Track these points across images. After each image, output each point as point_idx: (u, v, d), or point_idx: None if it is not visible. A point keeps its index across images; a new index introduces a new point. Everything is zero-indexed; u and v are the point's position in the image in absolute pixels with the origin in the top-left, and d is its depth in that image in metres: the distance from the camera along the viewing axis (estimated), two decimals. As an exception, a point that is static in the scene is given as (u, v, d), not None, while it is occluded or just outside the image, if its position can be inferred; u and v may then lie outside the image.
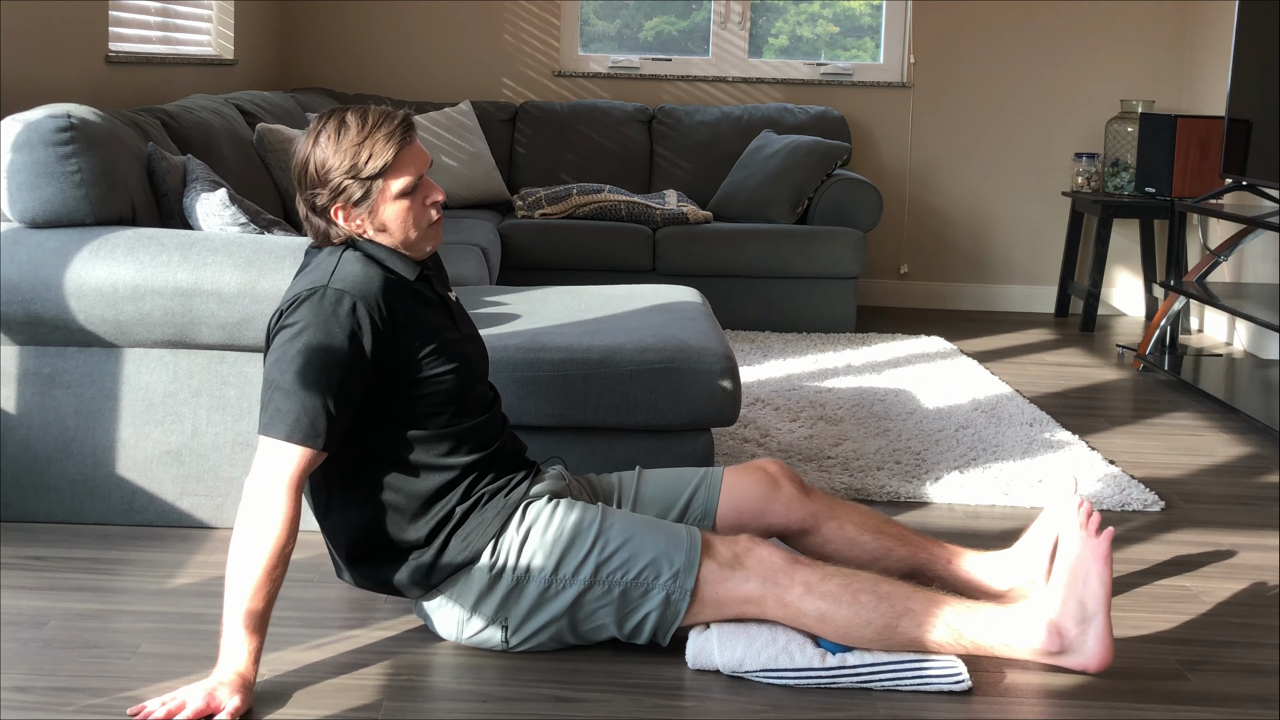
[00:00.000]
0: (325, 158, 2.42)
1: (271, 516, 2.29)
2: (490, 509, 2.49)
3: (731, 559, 2.45)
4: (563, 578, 2.46)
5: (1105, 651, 2.45)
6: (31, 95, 3.88)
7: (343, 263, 2.43)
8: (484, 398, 2.59)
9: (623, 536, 2.47)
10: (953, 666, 2.41)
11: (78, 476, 3.16)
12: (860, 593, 2.42)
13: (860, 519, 2.74)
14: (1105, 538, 2.46)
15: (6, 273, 3.07)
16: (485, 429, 2.54)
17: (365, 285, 2.39)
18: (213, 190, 3.40)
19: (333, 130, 2.43)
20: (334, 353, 2.34)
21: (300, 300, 2.38)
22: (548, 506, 2.50)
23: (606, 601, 2.46)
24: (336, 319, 2.35)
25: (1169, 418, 4.58)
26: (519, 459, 2.64)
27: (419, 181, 2.47)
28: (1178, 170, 5.62)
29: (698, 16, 6.79)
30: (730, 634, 2.46)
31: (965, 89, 6.66)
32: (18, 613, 2.65)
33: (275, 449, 2.32)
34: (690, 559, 2.45)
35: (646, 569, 2.45)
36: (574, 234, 5.77)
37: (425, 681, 2.43)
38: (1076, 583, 2.45)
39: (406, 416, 2.45)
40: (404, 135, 2.44)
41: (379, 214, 2.45)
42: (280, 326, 2.39)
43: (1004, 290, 6.76)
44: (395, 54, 6.65)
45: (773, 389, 4.65)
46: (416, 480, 2.46)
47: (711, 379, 3.13)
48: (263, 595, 2.28)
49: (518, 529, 2.48)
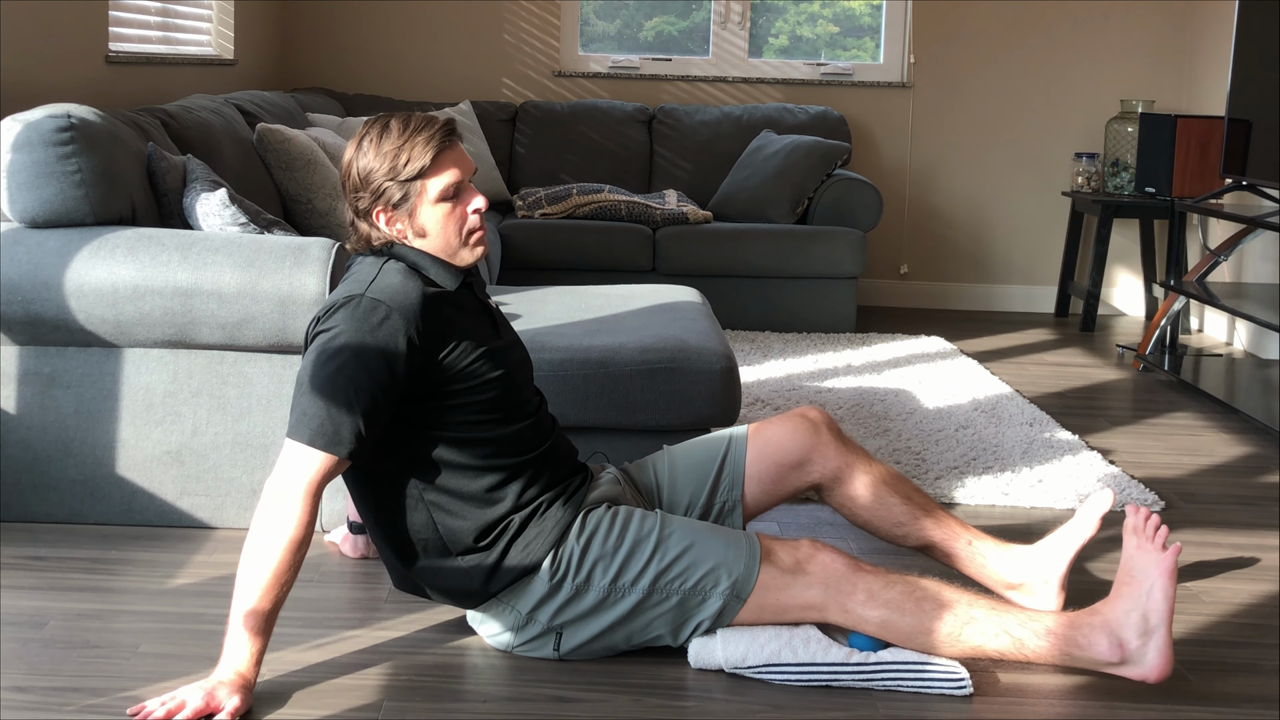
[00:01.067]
0: (367, 161, 2.43)
1: (286, 520, 2.29)
2: (549, 517, 2.47)
3: (793, 565, 2.44)
4: (622, 586, 2.44)
5: (1165, 664, 2.42)
6: (31, 95, 3.88)
7: (383, 273, 2.42)
8: (529, 403, 2.57)
9: (682, 544, 2.46)
10: (955, 671, 2.41)
11: (78, 476, 3.16)
12: (924, 600, 2.41)
13: (893, 481, 2.74)
14: (1172, 553, 2.43)
15: (6, 273, 3.07)
16: (530, 433, 2.52)
17: (404, 297, 2.38)
18: (213, 190, 3.40)
19: (375, 135, 2.44)
20: (366, 362, 2.32)
21: (337, 306, 2.37)
22: (607, 514, 2.49)
23: (664, 610, 2.45)
24: (370, 328, 2.34)
25: (1169, 418, 4.58)
26: (571, 462, 2.62)
27: (459, 186, 2.46)
28: (1178, 170, 5.62)
29: (698, 16, 6.79)
30: (734, 630, 2.46)
31: (965, 89, 6.67)
32: (18, 613, 2.65)
33: (298, 453, 2.32)
34: (749, 567, 2.44)
35: (706, 577, 2.44)
36: (574, 234, 5.77)
37: (425, 681, 2.43)
38: (1140, 595, 2.43)
39: (452, 424, 2.44)
40: (444, 139, 2.44)
41: (418, 217, 2.45)
42: (317, 331, 2.39)
43: (1004, 290, 6.76)
44: (395, 54, 6.65)
45: (773, 389, 4.65)
46: (467, 483, 2.45)
47: (711, 379, 3.13)
48: (271, 596, 2.28)
49: (578, 538, 2.46)
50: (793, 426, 2.73)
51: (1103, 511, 2.72)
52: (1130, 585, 2.45)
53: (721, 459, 2.73)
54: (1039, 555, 2.72)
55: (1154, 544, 2.46)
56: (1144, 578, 2.44)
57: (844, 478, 2.73)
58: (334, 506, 3.14)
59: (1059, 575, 2.71)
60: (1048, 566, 2.71)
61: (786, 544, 2.48)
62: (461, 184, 2.47)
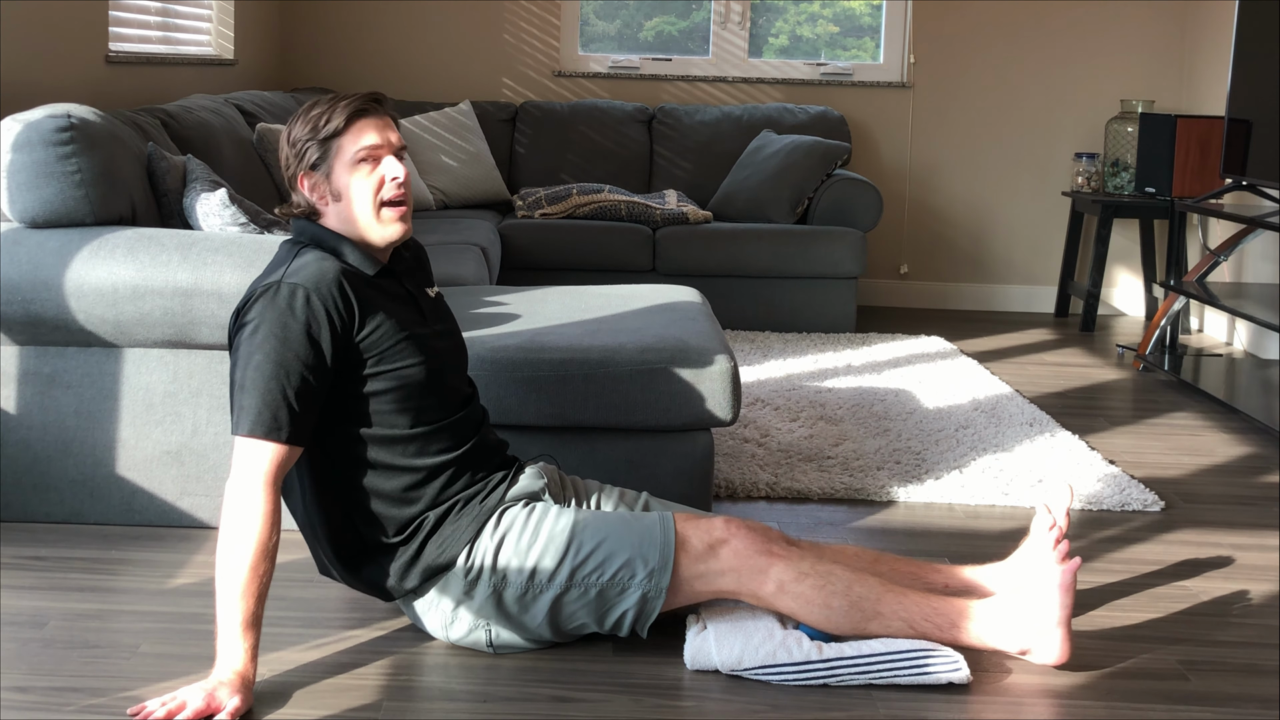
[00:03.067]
0: (295, 128, 2.49)
1: (251, 514, 2.30)
2: (466, 514, 2.50)
3: (705, 550, 2.47)
4: (539, 582, 2.47)
5: (1066, 652, 2.50)
6: (31, 95, 3.88)
7: (298, 258, 2.46)
8: (458, 393, 2.59)
9: (597, 538, 2.48)
10: (951, 658, 2.42)
11: (78, 476, 3.16)
12: (833, 596, 2.45)
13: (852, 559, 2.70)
14: (1070, 568, 2.49)
15: (6, 273, 3.07)
16: (460, 426, 2.55)
17: (319, 277, 2.40)
18: (213, 190, 3.40)
19: (306, 107, 2.51)
20: (290, 346, 2.35)
21: (255, 297, 2.40)
22: (523, 511, 2.52)
23: (584, 603, 2.48)
24: (291, 312, 2.36)
25: (1169, 418, 4.58)
26: (499, 457, 2.64)
27: (376, 151, 2.48)
28: (1178, 170, 5.62)
29: (698, 16, 6.79)
30: (727, 633, 2.46)
31: (965, 89, 6.66)
32: (18, 613, 2.65)
33: (246, 447, 2.34)
34: (665, 556, 2.46)
35: (621, 569, 2.46)
36: (574, 234, 5.77)
37: (425, 681, 2.43)
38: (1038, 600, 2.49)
39: (374, 412, 2.46)
40: (364, 104, 2.48)
41: (334, 179, 2.48)
42: (238, 325, 2.41)
43: (1004, 290, 6.76)
44: (395, 54, 6.65)
45: (773, 389, 4.65)
46: (387, 481, 2.48)
47: (711, 379, 3.13)
48: (253, 593, 2.29)
49: (492, 535, 2.49)
50: None
51: (1066, 505, 2.71)
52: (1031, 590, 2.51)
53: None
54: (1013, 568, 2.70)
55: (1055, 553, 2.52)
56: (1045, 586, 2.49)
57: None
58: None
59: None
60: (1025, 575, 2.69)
61: (700, 526, 2.50)
62: (380, 150, 2.48)
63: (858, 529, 3.32)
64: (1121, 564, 3.11)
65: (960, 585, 2.71)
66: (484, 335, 3.19)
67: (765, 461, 3.81)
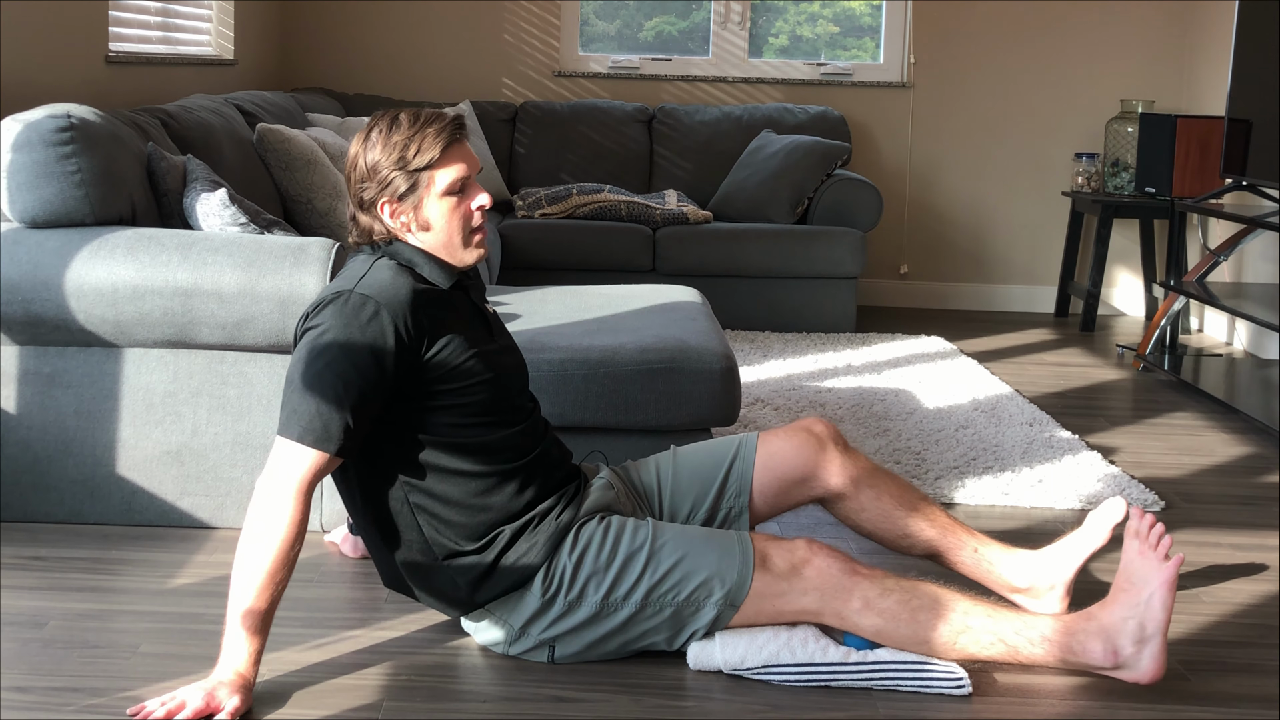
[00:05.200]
0: (375, 153, 2.43)
1: (279, 518, 2.28)
2: (541, 531, 2.46)
3: (788, 570, 2.43)
4: (615, 601, 2.44)
5: (1159, 669, 2.43)
6: (31, 95, 3.88)
7: (374, 269, 2.42)
8: (522, 409, 2.56)
9: (675, 556, 2.44)
10: (954, 671, 2.41)
11: (78, 476, 3.16)
12: (919, 610, 2.40)
13: (898, 492, 2.72)
14: (1174, 564, 2.43)
15: (6, 273, 3.07)
16: (521, 439, 2.51)
17: (393, 293, 2.37)
18: (213, 190, 3.40)
19: (385, 127, 2.44)
20: (354, 358, 2.32)
21: (325, 303, 2.37)
22: (599, 527, 2.48)
23: (658, 622, 2.45)
24: (359, 324, 2.33)
25: (1169, 418, 4.58)
26: (565, 468, 2.60)
27: (466, 181, 2.46)
28: (1178, 170, 5.62)
29: (698, 16, 6.79)
30: (732, 632, 2.46)
31: (965, 89, 6.67)
32: (18, 613, 2.65)
33: (288, 450, 2.31)
34: (743, 575, 2.42)
35: (699, 589, 2.43)
36: (574, 234, 5.77)
37: (425, 681, 2.43)
38: (1138, 603, 2.42)
39: (442, 426, 2.43)
40: (454, 133, 2.44)
41: (423, 210, 2.44)
42: (305, 328, 2.38)
43: (1004, 290, 6.76)
44: (395, 54, 6.65)
45: (773, 389, 4.65)
46: (454, 488, 2.44)
47: (711, 379, 3.13)
48: (266, 596, 2.28)
49: (570, 553, 2.45)
50: (798, 441, 2.71)
51: (1115, 521, 2.70)
52: (1128, 592, 2.44)
53: (729, 465, 2.71)
54: (1046, 561, 2.71)
55: (1156, 552, 2.45)
56: (1143, 585, 2.43)
57: (848, 493, 2.71)
58: (334, 506, 3.14)
59: (1065, 581, 2.70)
60: (1054, 572, 2.70)
61: (782, 546, 2.46)
62: (468, 180, 2.47)
63: (858, 529, 3.32)
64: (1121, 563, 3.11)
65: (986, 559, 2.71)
66: (484, 335, 3.19)
67: (765, 461, 3.80)
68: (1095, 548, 2.71)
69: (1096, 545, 2.71)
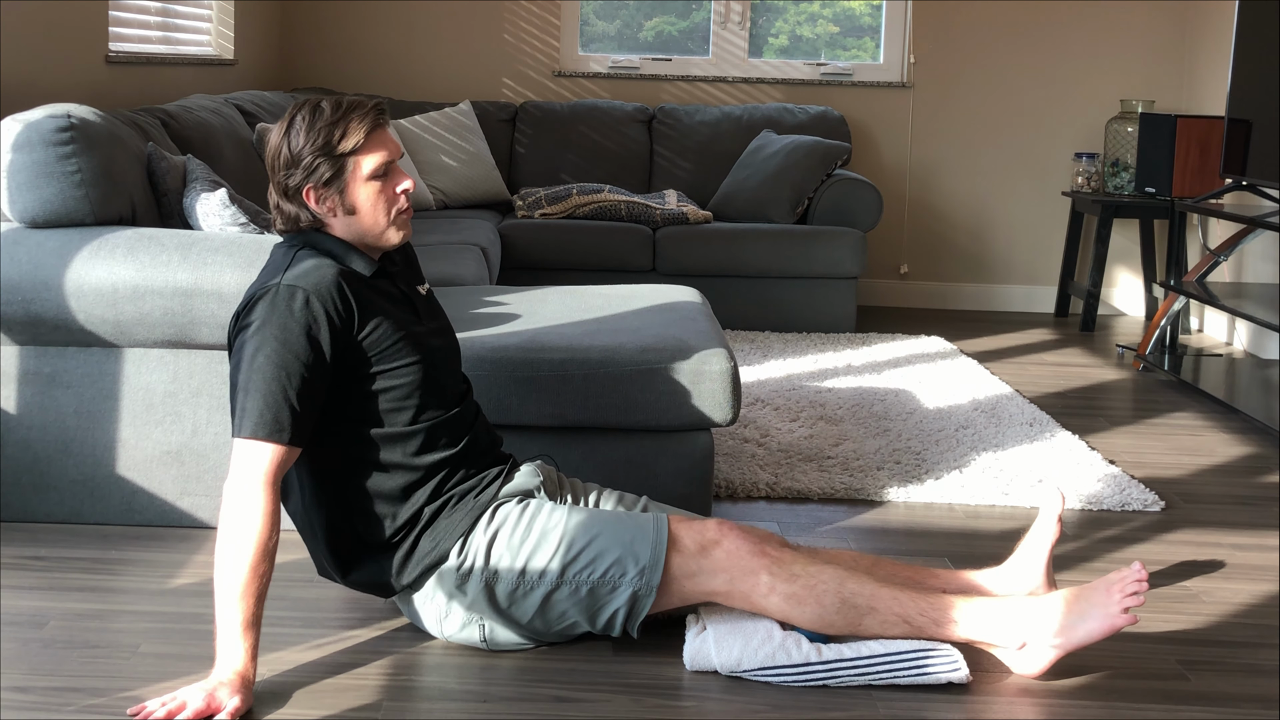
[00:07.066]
0: (299, 140, 2.46)
1: (250, 514, 2.31)
2: (460, 510, 2.51)
3: (698, 550, 2.47)
4: (530, 578, 2.48)
5: (1040, 674, 2.47)
6: (31, 95, 3.88)
7: (296, 259, 2.46)
8: (454, 391, 2.60)
9: (589, 535, 2.48)
10: (950, 657, 2.42)
11: (78, 476, 3.16)
12: (824, 595, 2.44)
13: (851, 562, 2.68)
14: (1125, 619, 2.42)
15: (6, 273, 3.07)
16: (455, 423, 2.55)
17: (318, 279, 2.41)
18: (213, 190, 3.40)
19: (307, 114, 2.47)
20: (291, 347, 2.35)
21: (255, 300, 2.41)
22: (517, 507, 2.53)
23: (575, 600, 2.48)
24: (291, 314, 2.36)
25: (1169, 418, 4.58)
26: (493, 454, 2.65)
27: (389, 165, 2.49)
28: (1178, 170, 5.62)
29: (698, 16, 6.79)
30: (727, 634, 2.46)
31: (965, 89, 6.66)
32: (18, 613, 2.65)
33: (245, 448, 2.34)
34: (656, 555, 2.46)
35: (612, 567, 2.46)
36: (574, 234, 5.77)
37: (425, 681, 2.43)
38: (1072, 615, 2.43)
39: (373, 413, 2.47)
40: (376, 119, 2.48)
41: (349, 194, 2.48)
42: (239, 328, 2.42)
43: (1004, 290, 6.76)
44: (395, 54, 6.65)
45: (773, 389, 4.65)
46: (385, 480, 2.48)
47: (711, 379, 3.13)
48: (252, 593, 2.30)
49: (485, 530, 2.50)
50: None
51: (1058, 511, 2.68)
52: (1071, 604, 2.44)
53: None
54: (1013, 571, 2.70)
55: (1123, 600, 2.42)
56: (1089, 609, 2.43)
57: None
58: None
59: (1040, 584, 2.68)
60: (1026, 579, 2.68)
61: (693, 527, 2.49)
62: (392, 164, 2.50)
63: (857, 529, 3.33)
64: (1122, 564, 3.11)
65: (959, 588, 2.70)
66: (484, 335, 3.19)
67: (765, 461, 3.81)
68: (1051, 542, 2.68)
69: (1051, 540, 2.68)
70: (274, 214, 2.54)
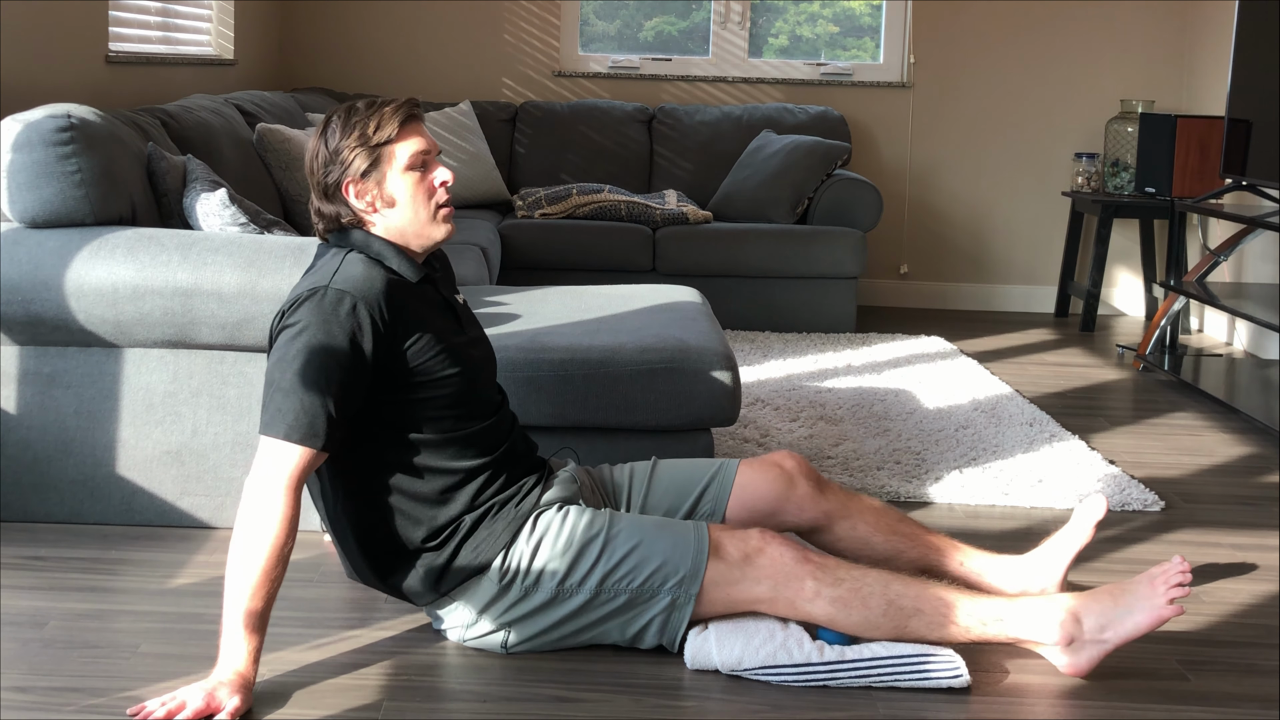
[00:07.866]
0: (335, 138, 2.47)
1: (270, 516, 2.29)
2: (501, 519, 2.48)
3: (741, 558, 2.45)
4: (570, 587, 2.46)
5: (1088, 670, 2.47)
6: (31, 95, 3.88)
7: (345, 264, 2.44)
8: (490, 401, 2.58)
9: (629, 544, 2.46)
10: (952, 662, 2.42)
11: (78, 476, 3.16)
12: (870, 597, 2.42)
13: (874, 519, 2.73)
14: (1172, 610, 2.42)
15: (6, 273, 3.07)
16: (491, 433, 2.54)
17: (367, 286, 2.39)
18: (213, 190, 3.40)
19: (342, 114, 2.49)
20: (334, 352, 2.34)
21: (301, 300, 2.38)
22: (558, 515, 2.50)
23: (612, 608, 2.46)
24: (337, 319, 2.35)
25: (1169, 418, 4.58)
26: (529, 460, 2.63)
27: (426, 156, 2.49)
28: (1178, 170, 5.62)
29: (698, 16, 6.79)
30: (728, 633, 2.46)
31: (965, 89, 6.66)
32: (18, 613, 2.65)
33: (274, 448, 2.32)
34: (696, 564, 2.44)
35: (652, 575, 2.45)
36: (574, 234, 5.77)
37: (425, 681, 2.43)
38: (1118, 610, 2.43)
39: (410, 420, 2.45)
40: (410, 110, 2.49)
41: (387, 185, 2.47)
42: (281, 327, 2.39)
43: (1004, 290, 6.76)
44: (395, 54, 6.65)
45: (773, 389, 4.65)
46: (421, 484, 2.46)
47: (711, 379, 3.13)
48: (262, 595, 2.28)
49: (528, 539, 2.48)
50: (768, 477, 2.71)
51: (1097, 518, 2.71)
52: (1116, 598, 2.44)
53: (706, 483, 2.72)
54: (1034, 564, 2.72)
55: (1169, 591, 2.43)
56: (1134, 602, 2.44)
57: (822, 526, 2.72)
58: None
59: (1056, 582, 2.70)
60: (1044, 575, 2.70)
61: (736, 535, 2.48)
62: (429, 156, 2.50)
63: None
64: (1122, 564, 3.11)
65: (974, 570, 2.71)
66: (484, 335, 3.19)
67: (765, 461, 3.80)
68: (1080, 545, 2.71)
69: (1081, 543, 2.71)
70: (314, 220, 2.53)
